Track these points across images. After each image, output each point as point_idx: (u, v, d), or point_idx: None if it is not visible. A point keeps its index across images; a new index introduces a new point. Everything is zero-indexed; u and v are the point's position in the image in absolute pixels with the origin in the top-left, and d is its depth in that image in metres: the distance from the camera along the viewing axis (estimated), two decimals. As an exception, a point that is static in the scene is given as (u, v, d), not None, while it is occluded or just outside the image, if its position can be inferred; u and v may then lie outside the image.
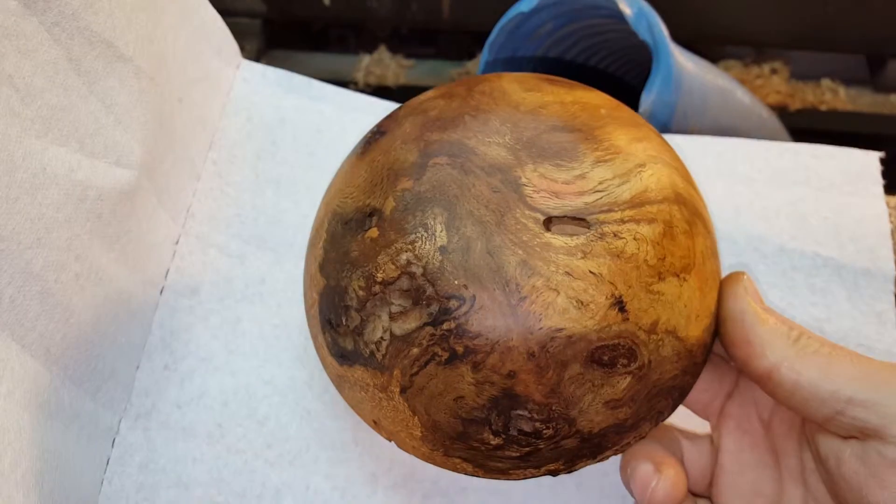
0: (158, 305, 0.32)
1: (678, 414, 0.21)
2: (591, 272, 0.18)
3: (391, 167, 0.20)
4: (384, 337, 0.19)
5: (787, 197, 0.34)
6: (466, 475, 0.21)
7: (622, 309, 0.18)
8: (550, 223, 0.18)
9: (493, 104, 0.20)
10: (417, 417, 0.19)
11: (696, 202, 0.21)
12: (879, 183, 0.33)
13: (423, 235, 0.18)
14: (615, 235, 0.18)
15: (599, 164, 0.19)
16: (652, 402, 0.19)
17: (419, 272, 0.18)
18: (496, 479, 0.20)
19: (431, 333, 0.18)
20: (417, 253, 0.18)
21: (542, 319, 0.17)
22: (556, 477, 0.27)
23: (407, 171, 0.20)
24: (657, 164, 0.20)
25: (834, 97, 0.50)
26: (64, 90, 0.25)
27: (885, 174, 0.34)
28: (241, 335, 0.32)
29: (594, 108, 0.20)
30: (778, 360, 0.19)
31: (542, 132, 0.19)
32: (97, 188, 0.26)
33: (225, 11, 0.36)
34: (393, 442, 0.21)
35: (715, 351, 0.23)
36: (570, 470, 0.20)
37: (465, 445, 0.19)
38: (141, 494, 0.29)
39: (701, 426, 0.24)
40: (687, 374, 0.20)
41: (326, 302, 0.20)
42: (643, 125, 0.21)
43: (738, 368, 0.21)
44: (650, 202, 0.19)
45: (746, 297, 0.20)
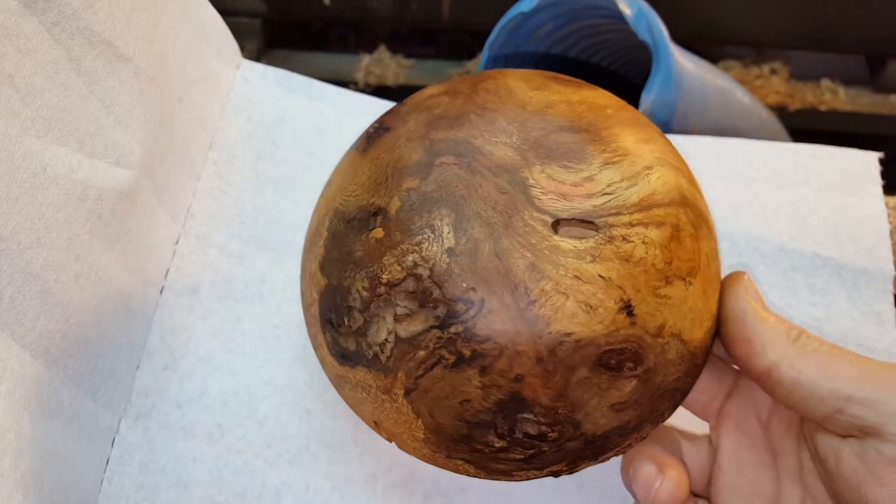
0: (158, 305, 0.32)
1: (677, 414, 0.21)
2: (600, 276, 0.17)
3: (396, 165, 0.20)
4: (388, 339, 0.18)
5: (786, 197, 0.34)
6: (468, 476, 0.20)
7: (630, 313, 0.18)
8: (558, 225, 0.18)
9: (499, 102, 0.20)
10: (421, 420, 0.19)
11: (700, 204, 0.21)
12: (879, 183, 0.33)
13: (429, 237, 0.18)
14: (624, 239, 0.18)
15: (607, 165, 0.19)
16: (655, 404, 0.19)
17: (426, 274, 0.18)
18: (498, 480, 0.20)
19: (438, 336, 0.18)
20: (424, 255, 0.18)
21: (551, 324, 0.17)
22: (557, 478, 0.27)
23: (412, 170, 0.19)
24: (664, 166, 0.20)
25: (833, 97, 0.50)
26: (64, 90, 0.25)
27: (884, 174, 0.34)
28: (240, 335, 0.32)
29: (601, 108, 0.20)
30: (778, 358, 0.19)
31: (549, 132, 0.19)
32: (97, 188, 0.26)
33: (225, 11, 0.36)
34: (393, 443, 0.21)
35: (714, 352, 0.23)
36: (571, 471, 0.20)
37: (468, 448, 0.19)
38: (141, 494, 0.29)
39: (699, 427, 0.24)
40: (689, 375, 0.20)
41: (327, 301, 0.20)
42: (648, 125, 0.21)
43: (737, 367, 0.21)
44: (658, 205, 0.19)
45: (747, 296, 0.20)
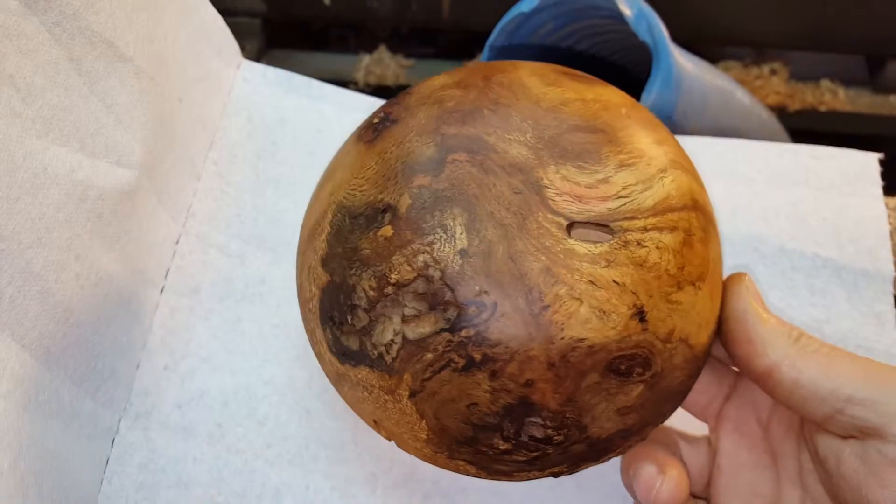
0: (158, 305, 0.32)
1: (676, 416, 0.21)
2: (614, 281, 0.17)
3: (406, 161, 0.19)
4: (395, 340, 0.18)
5: (786, 197, 0.34)
6: (468, 476, 0.20)
7: (643, 319, 0.17)
8: (571, 228, 0.18)
9: (512, 98, 0.20)
10: (425, 421, 0.19)
11: (709, 208, 0.20)
12: (878, 184, 0.33)
13: (441, 237, 0.18)
14: (639, 244, 0.18)
15: (623, 168, 0.18)
16: (659, 407, 0.19)
17: (437, 276, 0.17)
18: (498, 480, 0.20)
19: (449, 340, 0.17)
20: (436, 255, 0.17)
21: (563, 329, 0.17)
22: (557, 478, 0.27)
23: (423, 166, 0.19)
24: (677, 169, 0.19)
25: (833, 98, 0.50)
26: (65, 90, 0.25)
27: (884, 175, 0.34)
28: (240, 335, 0.32)
29: (615, 107, 0.20)
30: (779, 358, 0.19)
31: (563, 131, 0.19)
32: (98, 188, 0.26)
33: (225, 11, 0.36)
34: (393, 442, 0.21)
35: (714, 354, 0.23)
36: (572, 472, 0.20)
37: (472, 449, 0.19)
38: (140, 494, 0.29)
39: (699, 428, 0.24)
40: (691, 377, 0.20)
41: (329, 298, 0.20)
42: (660, 126, 0.21)
43: (738, 368, 0.21)
44: (672, 210, 0.18)
45: (748, 296, 0.20)
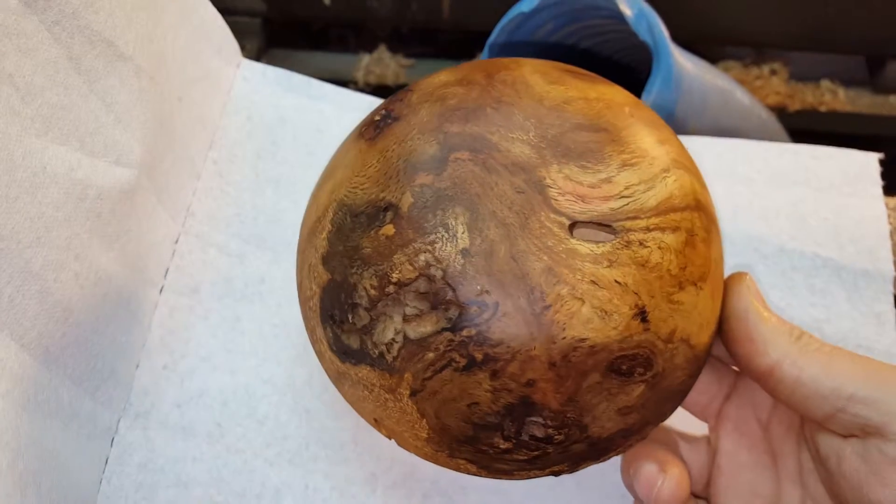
0: (158, 304, 0.32)
1: (675, 415, 0.21)
2: (616, 282, 0.17)
3: (408, 159, 0.19)
4: (396, 339, 0.18)
5: (786, 197, 0.34)
6: (469, 475, 0.20)
7: (644, 319, 0.17)
8: (574, 227, 0.18)
9: (515, 96, 0.20)
10: (426, 420, 0.19)
11: (711, 208, 0.20)
12: (878, 184, 0.33)
13: (443, 236, 0.18)
14: (641, 244, 0.18)
15: (625, 167, 0.18)
16: (660, 406, 0.19)
17: (439, 275, 0.17)
18: (498, 478, 0.20)
19: (450, 339, 0.17)
20: (437, 255, 0.17)
21: (565, 329, 0.17)
22: (557, 477, 0.26)
23: (425, 164, 0.19)
24: (680, 169, 0.19)
25: (833, 98, 0.50)
26: (64, 89, 0.25)
27: (884, 175, 0.34)
28: (240, 334, 0.32)
29: (618, 106, 0.20)
30: (780, 356, 0.19)
31: (566, 130, 0.19)
32: (97, 187, 0.26)
33: (225, 10, 0.36)
34: (393, 440, 0.21)
35: (714, 353, 0.23)
36: (572, 471, 0.20)
37: (472, 448, 0.19)
38: (140, 494, 0.29)
39: (698, 428, 0.24)
40: (692, 377, 0.20)
41: (330, 297, 0.20)
42: (663, 125, 0.21)
43: (738, 367, 0.21)
44: (674, 210, 0.18)
45: (750, 295, 0.20)
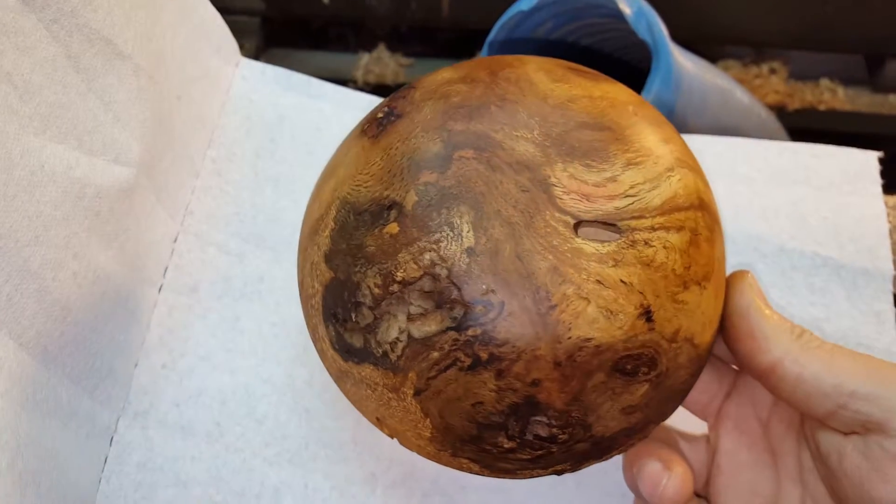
0: (157, 303, 0.32)
1: (675, 415, 0.21)
2: (621, 281, 0.17)
3: (412, 157, 0.19)
4: (400, 338, 0.18)
5: (786, 196, 0.34)
6: (471, 474, 0.20)
7: (649, 319, 0.17)
8: (579, 226, 0.18)
9: (519, 94, 0.20)
10: (429, 419, 0.19)
11: (713, 206, 0.20)
12: (878, 182, 0.33)
13: (448, 235, 0.17)
14: (646, 243, 0.18)
15: (630, 166, 0.18)
16: (662, 405, 0.19)
17: (444, 274, 0.17)
18: (501, 478, 0.20)
19: (455, 339, 0.17)
20: (443, 254, 0.17)
21: (571, 329, 0.17)
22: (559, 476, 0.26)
23: (430, 162, 0.19)
24: (684, 168, 0.19)
25: (832, 97, 0.50)
26: (62, 87, 0.25)
27: (883, 174, 0.34)
28: (239, 333, 0.32)
29: (622, 104, 0.20)
30: (782, 354, 0.19)
31: (571, 129, 0.19)
32: (95, 186, 0.26)
33: (224, 9, 0.36)
34: (395, 439, 0.21)
35: (714, 352, 0.23)
36: (575, 469, 0.20)
37: (476, 448, 0.19)
38: (139, 493, 0.29)
39: (697, 427, 0.24)
40: (694, 376, 0.20)
41: (333, 295, 0.20)
42: (666, 124, 0.21)
43: (740, 365, 0.21)
44: (679, 209, 0.18)
45: (751, 293, 0.20)
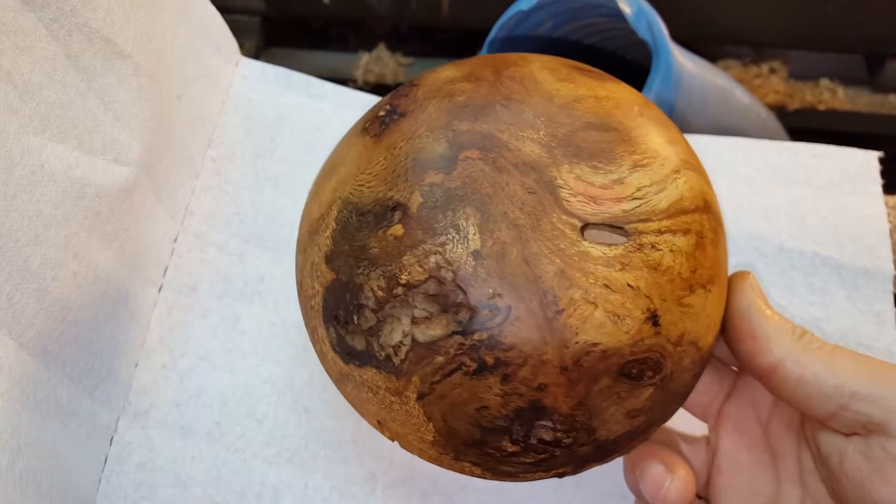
0: (157, 303, 0.32)
1: (674, 416, 0.21)
2: (629, 285, 0.17)
3: (416, 157, 0.19)
4: (404, 342, 0.18)
5: (786, 196, 0.34)
6: (473, 477, 0.20)
7: (656, 323, 0.17)
8: (585, 229, 0.17)
9: (525, 94, 0.19)
10: (432, 423, 0.18)
11: (717, 208, 0.20)
12: (878, 182, 0.33)
13: (454, 237, 0.17)
14: (653, 247, 0.17)
15: (637, 168, 0.18)
16: (665, 408, 0.19)
17: (449, 277, 0.17)
18: (503, 481, 0.20)
19: (461, 343, 0.17)
20: (448, 257, 0.17)
21: (578, 333, 0.17)
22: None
23: (435, 163, 0.18)
24: (689, 170, 0.19)
25: (832, 97, 0.50)
26: (62, 87, 0.25)
27: (883, 174, 0.34)
28: (239, 333, 0.32)
29: (628, 105, 0.20)
30: (783, 354, 0.19)
31: (577, 129, 0.19)
32: (95, 185, 0.26)
33: (224, 9, 0.36)
34: (396, 442, 0.21)
35: (714, 354, 0.23)
36: (577, 472, 0.20)
37: (479, 451, 0.19)
38: (139, 493, 0.29)
39: (697, 428, 0.24)
40: (696, 378, 0.20)
41: (334, 296, 0.19)
42: (671, 125, 0.21)
43: (741, 365, 0.21)
44: (685, 212, 0.18)
45: (753, 293, 0.20)
